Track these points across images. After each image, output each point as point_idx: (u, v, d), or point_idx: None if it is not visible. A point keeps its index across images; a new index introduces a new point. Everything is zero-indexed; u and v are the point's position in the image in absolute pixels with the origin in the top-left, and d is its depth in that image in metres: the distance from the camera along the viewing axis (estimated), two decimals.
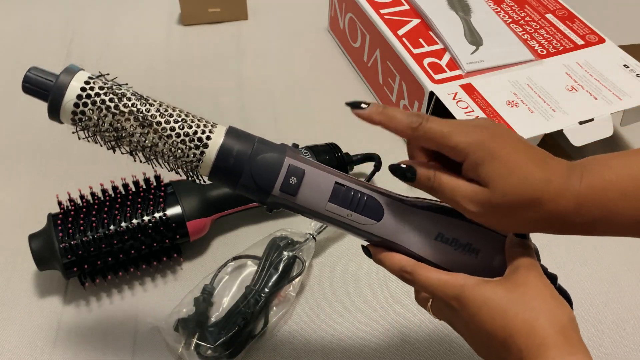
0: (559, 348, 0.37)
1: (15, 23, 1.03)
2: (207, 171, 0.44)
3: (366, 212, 0.44)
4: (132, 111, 0.43)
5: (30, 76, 0.44)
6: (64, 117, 0.44)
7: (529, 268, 0.41)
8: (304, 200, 0.44)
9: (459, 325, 0.43)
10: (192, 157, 0.44)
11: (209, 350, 0.58)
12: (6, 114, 0.87)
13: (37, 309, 0.64)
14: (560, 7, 0.89)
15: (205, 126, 0.44)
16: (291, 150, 0.45)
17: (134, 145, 0.44)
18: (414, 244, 0.44)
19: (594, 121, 0.71)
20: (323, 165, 0.45)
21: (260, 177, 0.43)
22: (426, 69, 0.77)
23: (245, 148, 0.44)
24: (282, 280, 0.63)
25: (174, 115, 0.44)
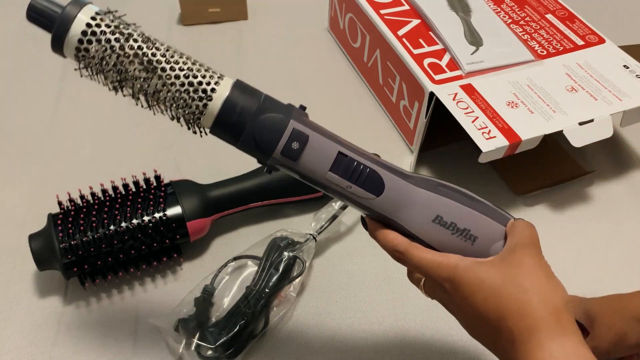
0: (550, 330, 0.37)
1: (15, 23, 1.03)
2: (209, 124, 0.43)
3: (366, 186, 0.43)
4: (137, 54, 0.41)
5: (36, 5, 0.42)
6: (67, 52, 0.42)
7: (526, 247, 0.41)
8: (305, 166, 0.43)
9: (451, 305, 0.43)
10: (195, 109, 0.42)
11: (209, 351, 0.58)
12: (6, 114, 0.87)
13: (37, 309, 0.64)
14: (561, 8, 0.89)
15: (211, 77, 0.42)
16: (297, 113, 0.44)
17: (136, 89, 0.42)
18: (412, 223, 0.44)
19: (593, 122, 0.71)
20: (329, 132, 0.44)
21: (261, 138, 0.42)
22: (426, 70, 0.77)
23: (250, 105, 0.42)
24: (282, 281, 0.63)
25: (180, 63, 0.42)
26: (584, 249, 0.72)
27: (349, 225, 0.74)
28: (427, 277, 0.44)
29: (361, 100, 0.92)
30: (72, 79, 0.92)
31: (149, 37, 0.42)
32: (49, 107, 0.88)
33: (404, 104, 0.82)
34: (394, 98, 0.85)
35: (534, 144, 0.70)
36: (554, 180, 0.79)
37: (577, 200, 0.78)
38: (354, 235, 0.73)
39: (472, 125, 0.70)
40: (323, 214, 0.69)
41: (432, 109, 0.75)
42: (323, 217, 0.69)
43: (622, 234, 0.74)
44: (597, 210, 0.77)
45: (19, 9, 1.06)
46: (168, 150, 0.82)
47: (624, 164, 0.82)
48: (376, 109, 0.90)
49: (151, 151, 0.82)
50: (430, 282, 0.45)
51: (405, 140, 0.84)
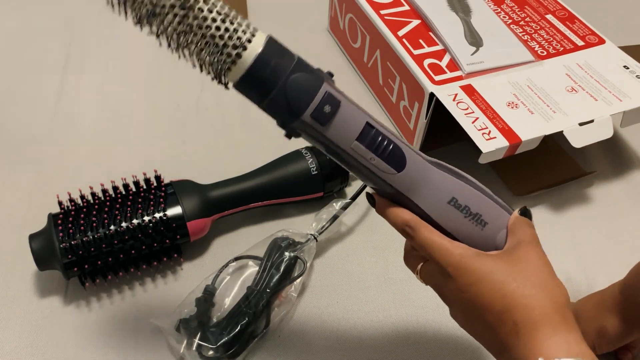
0: (554, 326, 0.37)
1: (15, 23, 1.03)
2: (237, 77, 0.40)
3: (389, 160, 0.43)
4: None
5: None
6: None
7: (531, 244, 0.41)
8: (332, 132, 0.41)
9: (449, 293, 0.43)
10: (227, 57, 0.39)
11: (210, 351, 0.58)
12: (6, 114, 0.87)
13: (38, 309, 0.64)
14: (561, 8, 0.89)
15: (247, 27, 0.40)
16: (329, 78, 0.42)
17: (165, 26, 0.39)
18: (427, 203, 0.44)
19: (594, 122, 0.71)
20: (356, 103, 0.43)
21: (293, 96, 0.40)
22: (426, 70, 0.77)
23: (285, 62, 0.40)
24: (283, 281, 0.63)
25: (218, 6, 0.39)
26: (583, 250, 0.72)
27: (350, 225, 0.74)
28: (431, 259, 0.44)
29: (361, 101, 0.91)
30: (73, 79, 0.92)
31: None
32: (49, 107, 0.88)
33: (404, 105, 0.82)
34: (394, 98, 0.85)
35: (534, 145, 0.70)
36: (553, 181, 0.79)
37: (577, 201, 0.78)
38: (354, 236, 0.73)
39: (472, 126, 0.70)
40: (324, 214, 0.69)
41: (432, 110, 0.75)
42: (324, 217, 0.69)
43: (622, 234, 0.74)
44: (597, 211, 0.77)
45: (19, 9, 1.06)
46: (168, 150, 0.82)
47: (624, 164, 0.83)
48: (376, 109, 0.90)
49: (151, 151, 0.82)
50: (430, 266, 0.45)
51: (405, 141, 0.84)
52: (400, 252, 0.70)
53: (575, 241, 0.73)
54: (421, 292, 0.67)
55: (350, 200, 0.70)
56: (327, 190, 0.73)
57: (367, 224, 0.74)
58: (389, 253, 0.71)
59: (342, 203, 0.70)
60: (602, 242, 0.73)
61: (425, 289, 0.67)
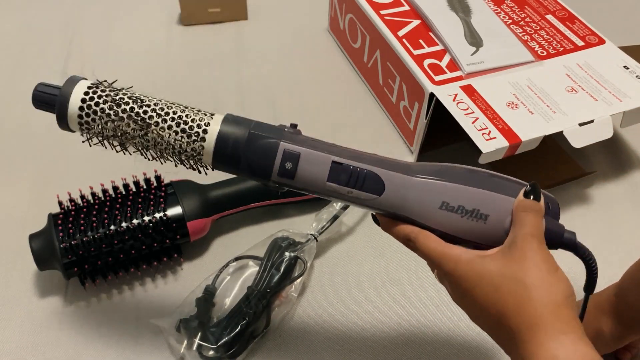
0: (549, 328, 0.36)
1: (15, 23, 1.03)
2: (209, 162, 0.46)
3: (366, 188, 0.44)
4: (130, 116, 0.45)
5: (37, 94, 0.47)
6: (72, 127, 0.47)
7: (527, 239, 0.40)
8: (303, 182, 0.45)
9: (454, 296, 0.44)
10: (192, 151, 0.45)
11: (211, 351, 0.58)
12: (6, 114, 0.87)
13: (38, 309, 0.64)
14: (561, 8, 0.89)
15: (201, 119, 0.45)
16: (288, 133, 0.45)
17: (139, 146, 0.46)
18: (418, 214, 0.44)
19: (594, 123, 0.71)
20: (321, 143, 0.45)
21: (256, 165, 0.44)
22: (426, 70, 0.77)
23: (240, 135, 0.45)
24: (283, 281, 0.63)
25: (170, 113, 0.45)
26: None
27: (350, 225, 0.74)
28: (433, 266, 0.44)
29: (361, 101, 0.92)
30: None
31: (139, 96, 0.46)
32: None
33: (404, 105, 0.82)
34: (394, 99, 0.85)
35: (534, 145, 0.70)
36: (553, 181, 0.79)
37: (577, 201, 0.78)
38: (355, 236, 0.73)
39: (472, 126, 0.70)
40: (324, 214, 0.69)
41: (432, 110, 0.75)
42: (324, 217, 0.69)
43: (622, 234, 0.74)
44: (597, 211, 0.77)
45: (19, 9, 1.06)
46: None
47: (624, 164, 0.83)
48: (376, 109, 0.90)
49: None
50: None
51: (405, 141, 0.84)
52: (400, 252, 0.71)
53: None
54: (421, 292, 0.67)
55: None
56: None
57: (368, 224, 0.74)
58: (389, 253, 0.71)
59: (342, 204, 0.70)
60: (602, 242, 0.73)
61: (424, 289, 0.67)
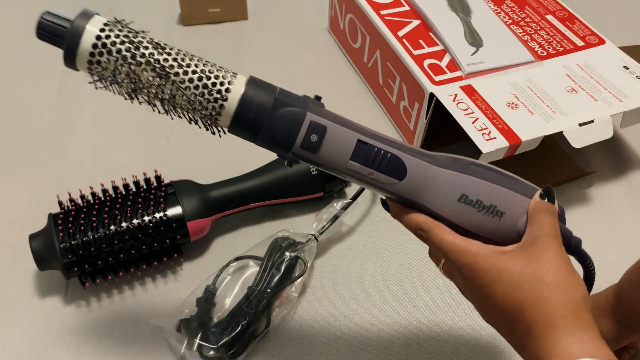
0: (569, 325, 0.37)
1: (15, 23, 1.03)
2: (227, 124, 0.43)
3: (388, 171, 0.43)
4: (149, 62, 0.41)
5: (44, 22, 0.42)
6: (80, 66, 0.42)
7: (548, 239, 0.40)
8: (325, 157, 0.43)
9: (467, 291, 0.43)
10: (211, 110, 0.42)
11: (211, 351, 0.58)
12: (6, 114, 0.87)
13: (38, 309, 0.64)
14: (561, 8, 0.89)
15: (224, 77, 0.42)
16: (313, 104, 0.43)
17: (151, 96, 0.42)
18: (436, 204, 0.43)
19: (593, 123, 0.71)
20: (347, 120, 0.44)
21: (279, 134, 0.42)
22: (426, 70, 0.77)
23: (265, 101, 0.42)
24: (284, 281, 0.63)
25: (192, 66, 0.42)
26: None
27: (351, 225, 0.74)
28: (446, 259, 0.44)
29: (361, 101, 0.92)
30: (73, 79, 0.92)
31: (159, 42, 0.42)
32: (49, 107, 0.88)
33: (404, 105, 0.82)
34: (394, 99, 0.85)
35: (534, 145, 0.70)
36: (553, 181, 0.79)
37: (577, 201, 0.78)
38: (355, 236, 0.73)
39: (472, 126, 0.70)
40: (324, 214, 0.69)
41: (432, 110, 0.75)
42: (324, 217, 0.69)
43: (622, 234, 0.74)
44: (597, 211, 0.77)
45: (19, 9, 1.06)
46: (168, 150, 0.82)
47: (624, 165, 0.83)
48: (376, 109, 0.90)
49: (151, 151, 0.82)
50: (449, 263, 0.45)
51: (406, 141, 0.84)
52: (400, 252, 0.71)
53: None
54: (421, 292, 0.67)
55: (350, 200, 0.70)
56: (327, 190, 0.73)
57: (368, 224, 0.74)
58: (389, 253, 0.71)
59: (343, 203, 0.70)
60: (602, 242, 0.73)
61: (424, 289, 0.67)
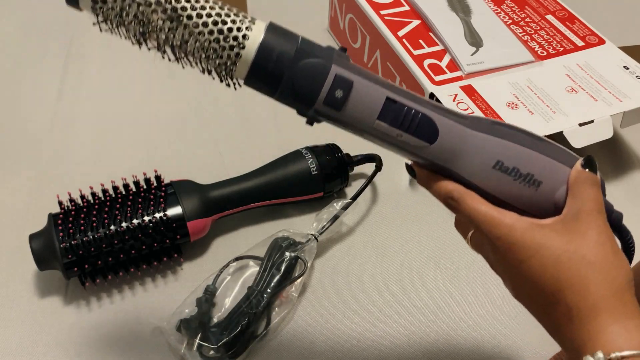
0: (613, 312, 0.34)
1: (15, 23, 1.03)
2: (243, 75, 0.40)
3: (418, 133, 0.40)
4: (159, 2, 0.38)
5: None
6: (82, 3, 0.39)
7: (593, 214, 0.37)
8: (350, 115, 0.40)
9: (499, 266, 0.41)
10: (227, 58, 0.39)
11: (211, 351, 0.58)
12: (6, 114, 0.87)
13: (38, 309, 0.64)
14: (561, 8, 0.89)
15: (242, 22, 0.39)
16: (338, 56, 0.40)
17: (161, 41, 0.39)
18: (469, 171, 0.40)
19: (594, 123, 0.71)
20: (374, 75, 0.40)
21: (302, 87, 0.39)
22: (426, 70, 0.77)
23: (287, 50, 0.39)
24: (284, 281, 0.63)
25: (207, 8, 0.38)
26: None
27: (351, 225, 0.74)
28: (478, 231, 0.41)
29: None
30: (73, 79, 0.92)
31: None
32: (49, 107, 0.88)
33: None
34: None
35: None
36: None
37: None
38: (355, 236, 0.73)
39: None
40: (324, 214, 0.69)
41: None
42: (324, 217, 0.69)
43: None
44: None
45: (20, 9, 1.06)
46: (168, 150, 0.82)
47: (624, 165, 0.83)
48: None
49: (151, 151, 0.82)
50: (479, 236, 0.42)
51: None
52: (401, 252, 0.71)
53: None
54: (421, 292, 0.67)
55: (350, 200, 0.70)
56: (327, 190, 0.73)
57: (368, 224, 0.74)
58: (389, 253, 0.71)
59: (343, 203, 0.70)
60: None
61: (425, 289, 0.67)
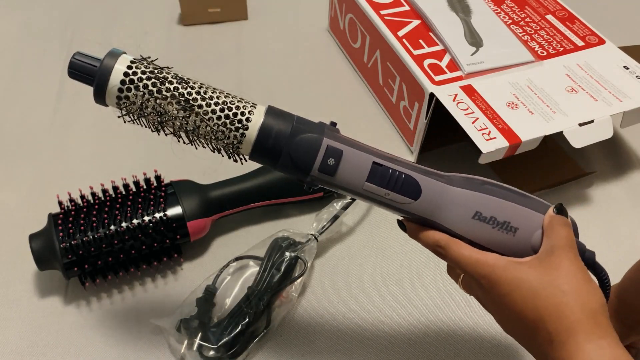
0: (588, 332, 0.38)
1: (15, 23, 1.03)
2: (248, 152, 0.45)
3: (404, 192, 0.45)
4: (174, 95, 0.44)
5: (75, 62, 0.44)
6: (109, 101, 0.45)
7: (565, 249, 0.41)
8: (342, 180, 0.45)
9: (487, 303, 0.44)
10: (233, 139, 0.45)
11: (211, 351, 0.58)
12: (6, 114, 0.87)
13: (38, 309, 0.64)
14: (561, 8, 0.89)
15: (244, 107, 0.45)
16: (329, 130, 0.45)
17: (177, 127, 0.45)
18: (451, 222, 0.45)
19: (593, 123, 0.71)
20: (362, 144, 0.46)
21: (298, 158, 0.44)
22: (426, 70, 0.77)
23: (284, 128, 0.44)
24: (284, 281, 0.63)
25: (215, 98, 0.44)
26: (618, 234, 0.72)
27: (350, 225, 0.74)
28: (465, 273, 0.45)
29: (361, 101, 0.92)
30: None
31: (183, 77, 0.45)
32: (49, 107, 0.88)
33: (404, 105, 0.82)
34: (394, 99, 0.85)
35: (534, 145, 0.70)
36: (553, 181, 0.79)
37: (577, 201, 0.78)
38: (355, 236, 0.73)
39: (472, 126, 0.70)
40: (324, 214, 0.69)
41: (432, 110, 0.75)
42: (324, 217, 0.69)
43: (622, 234, 0.74)
44: (597, 211, 0.77)
45: (20, 9, 1.06)
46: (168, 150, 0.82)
47: (624, 165, 0.83)
48: (376, 109, 0.90)
49: (151, 151, 0.82)
50: (467, 278, 0.46)
51: (405, 141, 0.84)
52: (400, 252, 0.71)
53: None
54: (421, 292, 0.67)
55: (350, 200, 0.70)
56: (327, 190, 0.73)
57: (368, 224, 0.74)
58: (389, 253, 0.71)
59: (343, 203, 0.70)
60: (602, 242, 0.73)
61: (425, 289, 0.67)
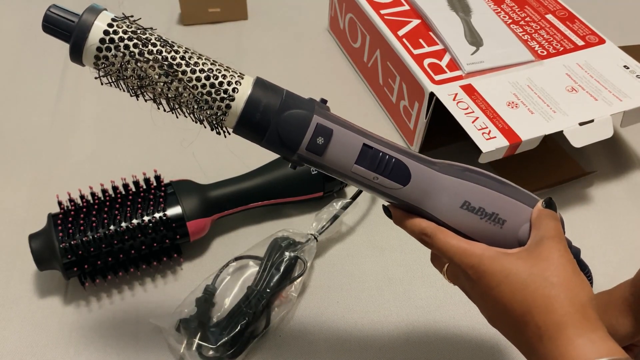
0: (578, 326, 0.37)
1: (15, 23, 1.03)
2: (233, 124, 0.43)
3: (393, 176, 0.43)
4: (156, 58, 0.41)
5: (51, 15, 0.41)
6: (86, 61, 0.42)
7: (554, 241, 0.41)
8: (330, 160, 0.43)
9: (473, 294, 0.43)
10: (217, 109, 0.42)
11: (210, 351, 0.58)
12: (6, 114, 0.87)
13: (38, 309, 0.64)
14: (561, 8, 0.89)
15: (232, 76, 0.42)
16: (319, 107, 0.44)
17: (157, 93, 0.42)
18: (439, 210, 0.44)
19: (594, 122, 0.71)
20: (352, 124, 0.44)
21: (286, 135, 0.42)
22: (426, 70, 0.77)
23: (272, 102, 0.42)
24: (283, 281, 0.63)
25: (200, 64, 0.42)
26: (583, 250, 0.71)
27: (350, 225, 0.74)
28: (451, 263, 0.44)
29: (361, 100, 0.92)
30: (73, 79, 0.92)
31: (167, 39, 0.42)
32: (49, 107, 0.88)
33: (404, 104, 0.82)
34: (394, 98, 0.85)
35: (534, 145, 0.70)
36: (554, 181, 0.79)
37: (577, 201, 0.78)
38: (355, 236, 0.73)
39: (472, 126, 0.70)
40: (324, 214, 0.69)
41: (432, 110, 0.75)
42: (324, 217, 0.69)
43: (622, 234, 0.74)
44: (597, 211, 0.77)
45: (20, 9, 1.06)
46: (168, 150, 0.82)
47: (624, 164, 0.83)
48: (376, 109, 0.90)
49: (151, 151, 0.82)
50: (453, 268, 0.45)
51: (406, 141, 0.84)
52: (400, 252, 0.71)
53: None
54: (421, 291, 0.67)
55: (350, 200, 0.70)
56: (327, 190, 0.73)
57: (368, 224, 0.74)
58: (389, 253, 0.71)
59: (343, 203, 0.70)
60: (602, 242, 0.73)
61: (424, 289, 0.67)
